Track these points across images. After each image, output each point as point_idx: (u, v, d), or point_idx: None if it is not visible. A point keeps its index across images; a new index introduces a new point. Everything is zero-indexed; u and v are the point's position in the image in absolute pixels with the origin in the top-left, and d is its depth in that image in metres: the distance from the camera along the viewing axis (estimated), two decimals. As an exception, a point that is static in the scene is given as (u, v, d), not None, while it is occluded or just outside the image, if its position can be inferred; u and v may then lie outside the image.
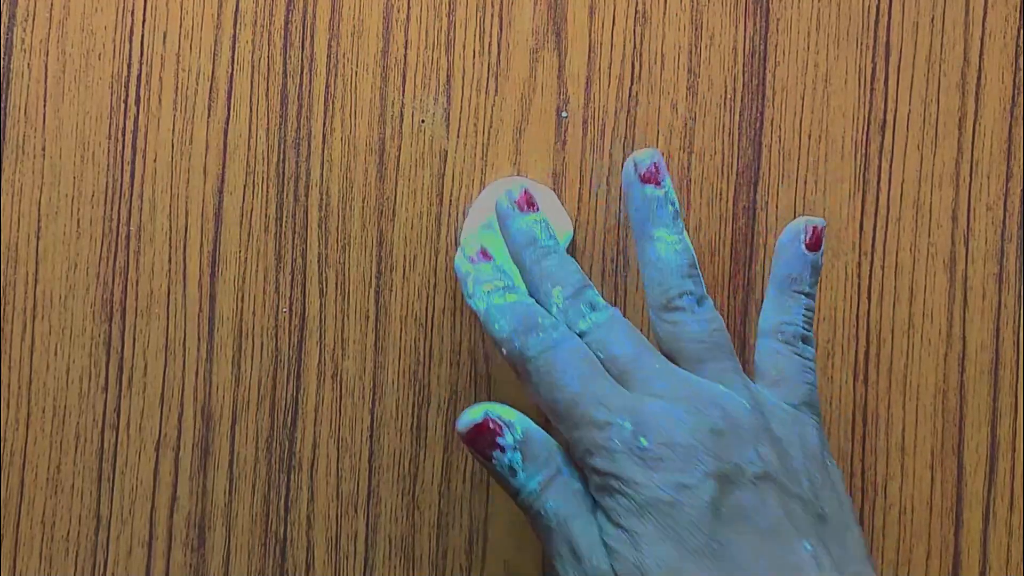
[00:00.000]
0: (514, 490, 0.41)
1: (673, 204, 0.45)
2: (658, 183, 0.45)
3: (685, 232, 0.45)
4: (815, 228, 0.46)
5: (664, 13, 0.52)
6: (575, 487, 0.41)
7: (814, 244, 0.46)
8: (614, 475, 0.39)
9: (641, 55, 0.52)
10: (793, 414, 0.43)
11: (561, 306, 0.43)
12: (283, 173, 0.51)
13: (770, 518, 0.39)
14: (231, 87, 0.51)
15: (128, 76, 0.51)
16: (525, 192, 0.45)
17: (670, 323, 0.44)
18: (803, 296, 0.45)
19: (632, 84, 0.52)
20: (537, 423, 0.42)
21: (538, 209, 0.45)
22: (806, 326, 0.45)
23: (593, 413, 0.40)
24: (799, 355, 0.45)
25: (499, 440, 0.41)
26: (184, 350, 0.51)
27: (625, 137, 0.51)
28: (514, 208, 0.45)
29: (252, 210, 0.51)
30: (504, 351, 0.43)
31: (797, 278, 0.45)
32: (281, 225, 0.51)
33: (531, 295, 0.44)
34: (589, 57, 0.52)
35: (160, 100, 0.51)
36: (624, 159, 0.51)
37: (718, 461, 0.39)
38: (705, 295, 0.44)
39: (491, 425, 0.41)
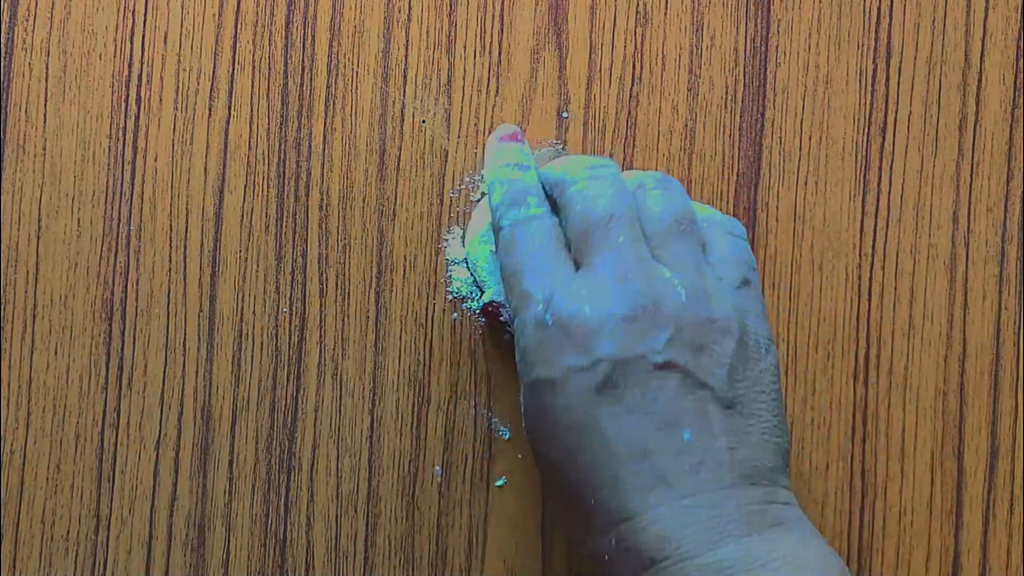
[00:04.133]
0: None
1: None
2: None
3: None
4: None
5: (665, 14, 0.52)
6: None
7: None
8: (519, 346, 0.43)
9: (642, 56, 0.52)
10: (736, 297, 0.43)
11: (564, 178, 0.44)
12: (284, 173, 0.51)
13: (657, 404, 0.40)
14: (232, 87, 0.51)
15: (129, 76, 0.51)
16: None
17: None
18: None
19: (633, 85, 0.52)
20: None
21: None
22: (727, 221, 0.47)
23: (523, 284, 0.43)
24: (726, 241, 0.45)
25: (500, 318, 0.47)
26: (184, 350, 0.51)
27: (626, 138, 0.51)
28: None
29: (252, 210, 0.51)
30: (492, 222, 0.46)
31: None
32: (281, 225, 0.51)
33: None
34: (590, 58, 0.51)
35: (161, 100, 0.51)
36: (625, 160, 0.51)
37: (618, 348, 0.40)
38: (672, 186, 0.45)
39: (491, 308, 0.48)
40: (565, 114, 0.51)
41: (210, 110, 0.51)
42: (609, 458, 0.40)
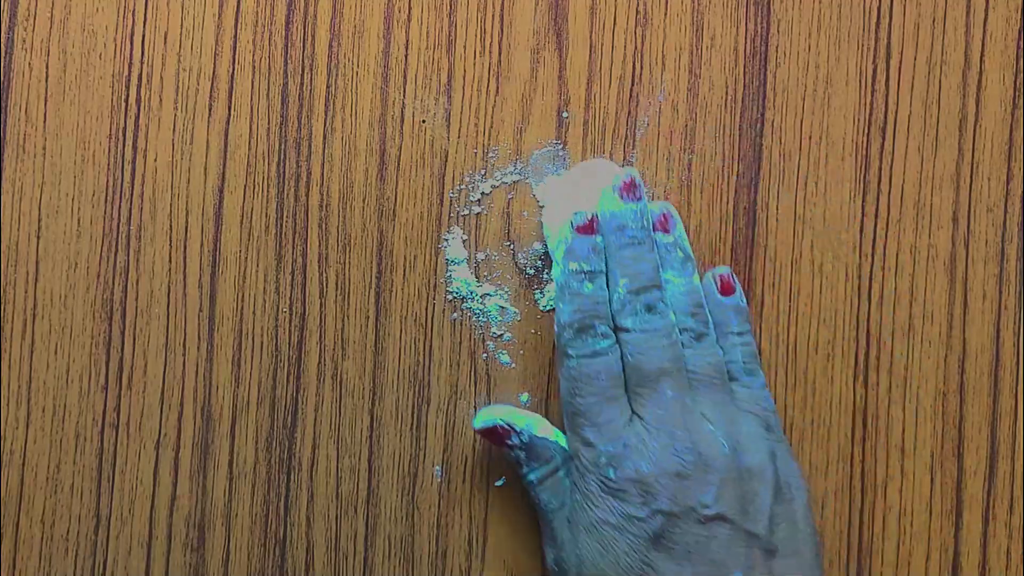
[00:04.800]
0: (522, 476, 0.49)
1: (683, 250, 0.48)
2: (667, 230, 0.49)
3: (695, 275, 0.49)
4: (722, 277, 0.49)
5: (665, 14, 0.52)
6: (567, 485, 0.48)
7: (725, 290, 0.49)
8: (581, 490, 0.46)
9: (642, 56, 0.52)
10: (768, 444, 0.47)
11: (622, 297, 0.47)
12: (284, 173, 0.51)
13: (709, 552, 0.44)
14: (232, 87, 0.51)
15: (129, 76, 0.51)
16: (631, 180, 0.48)
17: None
18: (735, 336, 0.49)
19: (633, 85, 0.52)
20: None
21: (639, 199, 0.48)
22: (747, 361, 0.49)
23: (585, 432, 0.46)
24: (748, 387, 0.49)
25: (508, 441, 0.49)
26: (184, 350, 0.51)
27: (626, 138, 0.51)
28: (615, 193, 0.48)
29: (252, 210, 0.51)
30: (556, 331, 0.48)
31: (723, 323, 0.49)
32: (281, 225, 0.51)
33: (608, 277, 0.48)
34: (590, 57, 0.51)
35: (160, 100, 0.51)
36: (624, 160, 0.51)
37: (671, 502, 0.44)
38: (706, 332, 0.48)
39: (499, 430, 0.49)
40: (565, 114, 0.51)
41: (210, 110, 0.51)
42: None
